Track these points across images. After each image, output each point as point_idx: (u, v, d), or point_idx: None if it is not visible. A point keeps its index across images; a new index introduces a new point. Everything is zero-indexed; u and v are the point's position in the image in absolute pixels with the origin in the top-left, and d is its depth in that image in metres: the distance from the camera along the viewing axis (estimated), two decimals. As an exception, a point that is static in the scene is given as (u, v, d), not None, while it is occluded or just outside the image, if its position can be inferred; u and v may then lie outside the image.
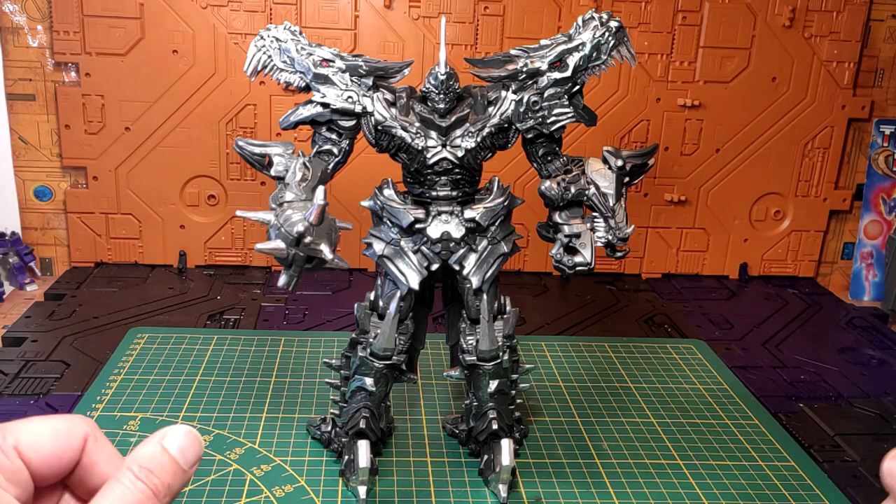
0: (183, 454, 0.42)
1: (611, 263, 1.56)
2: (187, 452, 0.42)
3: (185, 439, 0.42)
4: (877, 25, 1.53)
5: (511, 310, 0.90)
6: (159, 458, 0.41)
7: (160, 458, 0.41)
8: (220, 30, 1.41)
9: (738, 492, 0.93)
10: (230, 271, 1.51)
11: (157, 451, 0.41)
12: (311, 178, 0.79)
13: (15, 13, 1.39)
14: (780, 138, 1.55)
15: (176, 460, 0.42)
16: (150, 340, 1.20)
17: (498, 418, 0.89)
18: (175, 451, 0.42)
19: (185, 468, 0.42)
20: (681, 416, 1.09)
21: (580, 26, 0.87)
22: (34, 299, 1.38)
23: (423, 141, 0.84)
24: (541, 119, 0.86)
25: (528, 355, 1.21)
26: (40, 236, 1.51)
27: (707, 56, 1.49)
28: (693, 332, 1.35)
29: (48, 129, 1.45)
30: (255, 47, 0.87)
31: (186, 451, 0.42)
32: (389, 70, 0.86)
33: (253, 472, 0.91)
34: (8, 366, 1.12)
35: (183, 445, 0.42)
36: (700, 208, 1.57)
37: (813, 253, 1.63)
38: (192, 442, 0.42)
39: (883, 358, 1.31)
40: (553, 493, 0.91)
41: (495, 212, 0.86)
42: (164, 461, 0.41)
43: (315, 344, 1.22)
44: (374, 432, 0.89)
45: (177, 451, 0.42)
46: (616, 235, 0.87)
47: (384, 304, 0.88)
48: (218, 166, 1.48)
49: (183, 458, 0.42)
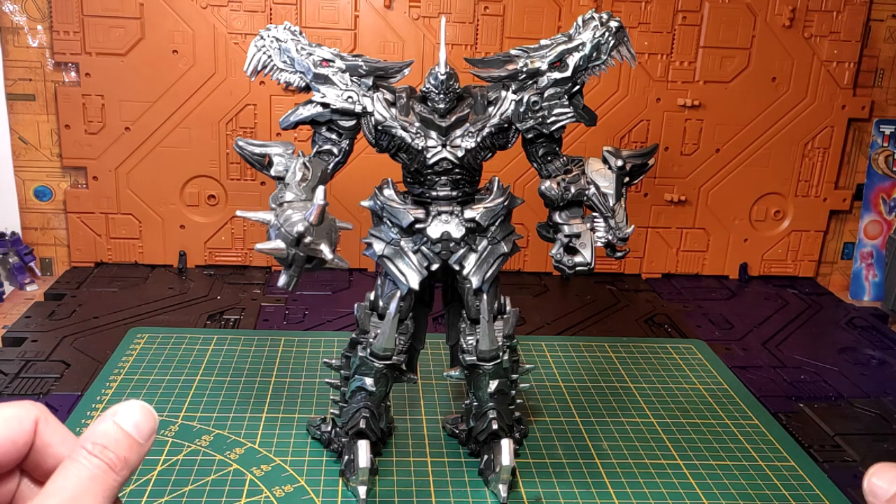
0: (137, 428, 0.42)
1: (611, 263, 1.57)
2: (141, 425, 0.43)
3: (138, 413, 0.43)
4: (877, 25, 1.53)
5: (511, 310, 0.90)
6: (113, 434, 0.42)
7: (114, 434, 0.42)
8: (220, 30, 1.41)
9: (738, 492, 0.93)
10: (230, 271, 1.51)
11: (111, 427, 0.42)
12: (311, 178, 0.79)
13: (15, 13, 1.39)
14: (780, 138, 1.55)
15: (130, 434, 0.42)
16: (150, 340, 1.20)
17: (498, 418, 0.89)
18: (128, 426, 0.42)
19: (141, 441, 0.42)
20: (681, 416, 1.09)
21: (580, 26, 0.87)
22: (34, 299, 1.38)
23: (423, 141, 0.84)
24: (541, 119, 0.86)
25: (528, 355, 1.21)
26: (40, 236, 1.51)
27: (707, 56, 1.49)
28: (693, 332, 1.35)
29: (48, 129, 1.45)
30: (255, 47, 0.87)
31: (140, 425, 0.43)
32: (389, 70, 0.86)
33: (253, 472, 0.91)
34: (8, 366, 1.12)
35: (136, 419, 0.43)
36: (700, 208, 1.57)
37: (813, 253, 1.63)
38: (145, 415, 0.43)
39: (883, 358, 1.31)
40: (553, 493, 0.91)
41: (495, 212, 0.86)
42: (118, 436, 0.42)
43: (315, 344, 1.22)
44: (374, 432, 0.89)
45: (130, 425, 0.42)
46: (616, 235, 0.87)
47: (384, 304, 0.88)
48: (218, 166, 1.48)
49: (137, 432, 0.42)
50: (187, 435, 0.97)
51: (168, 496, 0.86)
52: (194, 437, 0.97)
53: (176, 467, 0.91)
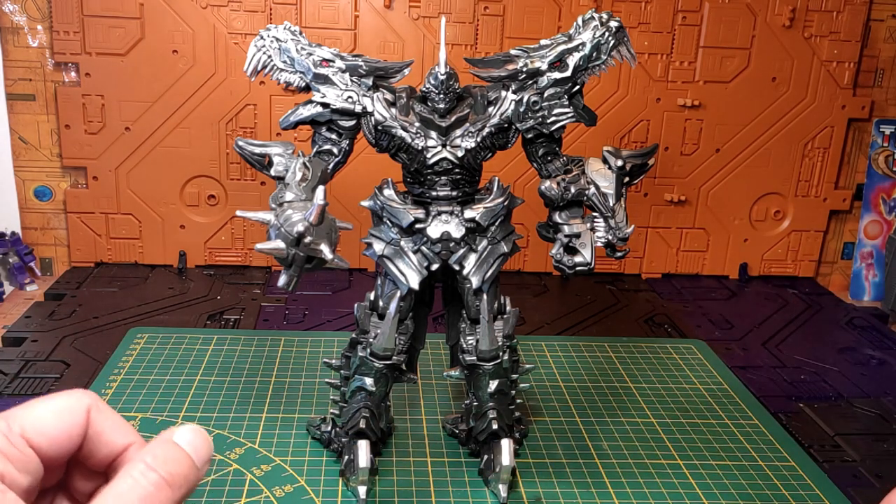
0: (195, 449, 0.41)
1: (611, 263, 1.56)
2: (199, 448, 0.41)
3: (196, 436, 0.41)
4: (877, 25, 1.53)
5: (511, 310, 0.90)
6: (172, 451, 0.40)
7: (172, 451, 0.40)
8: (220, 30, 1.41)
9: (738, 492, 0.93)
10: (230, 271, 1.51)
11: (168, 444, 0.40)
12: (311, 178, 0.79)
13: (15, 13, 1.39)
14: (780, 138, 1.55)
15: (188, 454, 0.40)
16: (150, 340, 1.20)
17: (498, 418, 0.89)
18: (186, 446, 0.41)
19: (198, 464, 0.41)
20: (681, 416, 1.09)
21: (580, 26, 0.87)
22: (34, 299, 1.38)
23: (423, 141, 0.84)
24: (541, 119, 0.86)
25: (528, 355, 1.21)
26: (40, 236, 1.51)
27: (707, 56, 1.49)
28: (693, 332, 1.35)
29: (48, 129, 1.45)
30: (255, 47, 0.87)
31: (198, 447, 0.41)
32: (389, 70, 0.86)
33: (253, 472, 0.91)
34: (8, 366, 1.12)
35: (194, 441, 0.41)
36: (700, 208, 1.57)
37: (813, 253, 1.63)
38: (202, 439, 0.42)
39: (883, 358, 1.31)
40: (553, 493, 0.91)
41: (495, 212, 0.86)
42: (177, 455, 0.40)
43: (315, 344, 1.22)
44: (374, 432, 0.89)
45: (188, 445, 0.41)
46: (616, 235, 0.87)
47: (384, 304, 0.88)
48: (218, 166, 1.48)
49: (195, 453, 0.41)
50: (187, 435, 0.97)
51: (168, 496, 0.86)
52: (194, 437, 0.97)
53: (176, 467, 0.91)
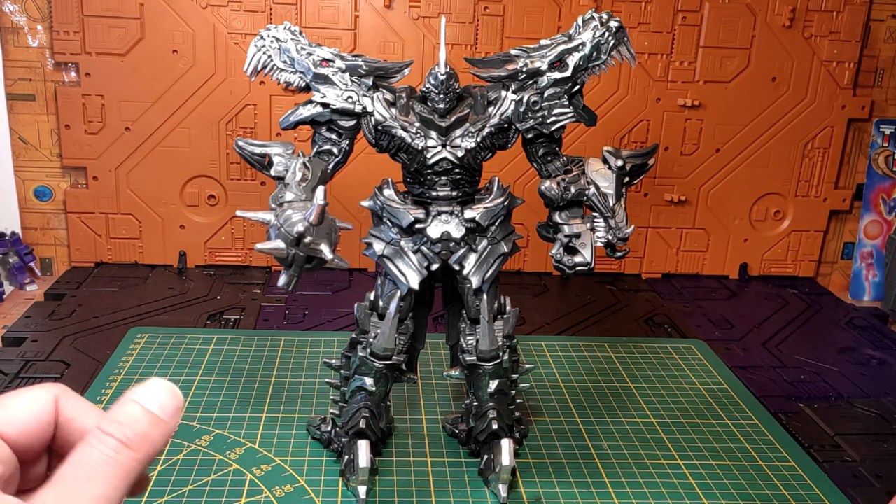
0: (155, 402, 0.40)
1: (611, 263, 1.56)
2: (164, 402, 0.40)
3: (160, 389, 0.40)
4: (877, 25, 1.53)
5: (511, 310, 0.90)
6: (129, 411, 0.39)
7: (130, 410, 0.39)
8: (220, 30, 1.41)
9: (738, 492, 0.93)
10: (230, 271, 1.51)
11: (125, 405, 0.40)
12: (311, 178, 0.79)
13: (15, 13, 1.39)
14: (780, 138, 1.55)
15: (150, 410, 0.39)
16: (150, 340, 1.20)
17: (498, 418, 0.89)
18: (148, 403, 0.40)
19: (161, 415, 0.40)
20: (681, 416, 1.09)
21: (580, 26, 0.87)
22: (34, 299, 1.38)
23: (423, 141, 0.84)
24: (541, 119, 0.86)
25: (528, 355, 1.21)
26: (40, 236, 1.51)
27: (707, 56, 1.49)
28: (693, 332, 1.35)
29: (48, 129, 1.45)
30: (255, 47, 0.87)
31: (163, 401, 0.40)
32: (389, 70, 0.86)
33: (253, 472, 0.91)
34: (8, 366, 1.12)
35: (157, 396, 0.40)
36: (700, 208, 1.57)
37: (813, 253, 1.63)
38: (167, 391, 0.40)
39: (883, 358, 1.31)
40: (553, 493, 0.91)
41: (495, 212, 0.86)
42: (134, 412, 0.39)
43: (315, 344, 1.22)
44: (374, 432, 0.89)
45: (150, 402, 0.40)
46: (616, 235, 0.87)
47: (384, 304, 0.88)
48: (218, 166, 1.48)
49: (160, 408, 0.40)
50: (187, 435, 0.97)
51: (168, 496, 0.86)
52: (194, 437, 0.97)
53: (176, 467, 0.91)
